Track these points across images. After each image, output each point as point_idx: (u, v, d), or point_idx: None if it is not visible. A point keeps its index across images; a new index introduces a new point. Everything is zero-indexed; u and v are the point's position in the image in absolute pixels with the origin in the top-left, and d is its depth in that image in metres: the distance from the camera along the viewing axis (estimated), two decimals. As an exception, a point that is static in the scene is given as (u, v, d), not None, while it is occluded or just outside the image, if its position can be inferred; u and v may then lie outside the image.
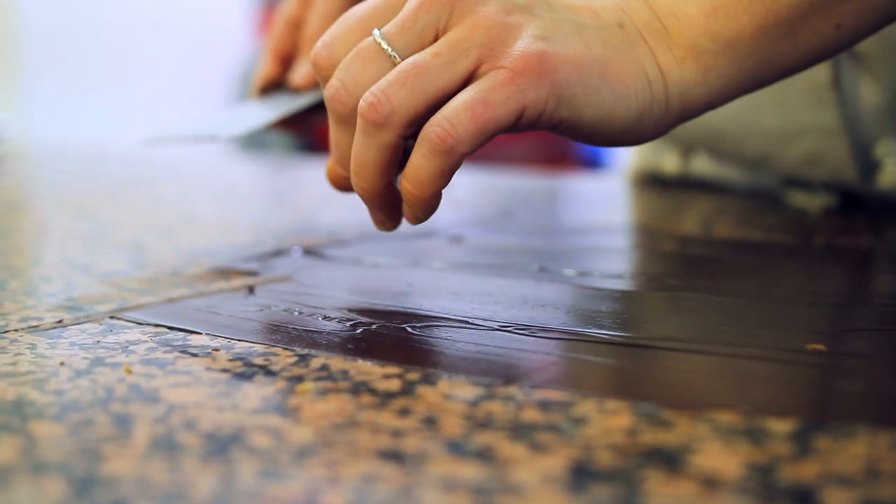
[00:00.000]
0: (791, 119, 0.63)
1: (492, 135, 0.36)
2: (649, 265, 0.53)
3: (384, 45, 0.38)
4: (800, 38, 0.38)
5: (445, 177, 0.37)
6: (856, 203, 0.67)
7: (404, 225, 0.42)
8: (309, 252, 0.54)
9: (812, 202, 0.67)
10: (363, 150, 0.38)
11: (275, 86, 0.62)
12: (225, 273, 0.48)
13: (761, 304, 0.42)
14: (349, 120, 0.39)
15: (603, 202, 0.81)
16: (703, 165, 0.77)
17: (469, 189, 0.81)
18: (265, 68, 0.62)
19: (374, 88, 0.37)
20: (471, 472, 0.25)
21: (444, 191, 0.38)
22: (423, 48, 0.38)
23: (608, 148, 0.42)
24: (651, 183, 0.82)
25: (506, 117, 0.36)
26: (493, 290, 0.44)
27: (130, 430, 0.28)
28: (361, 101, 0.37)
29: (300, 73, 0.59)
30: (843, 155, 0.63)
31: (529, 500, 0.23)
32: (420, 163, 0.36)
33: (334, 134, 0.40)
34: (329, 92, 0.39)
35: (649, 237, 0.61)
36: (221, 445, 0.26)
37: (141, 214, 0.72)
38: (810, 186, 0.68)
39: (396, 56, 0.38)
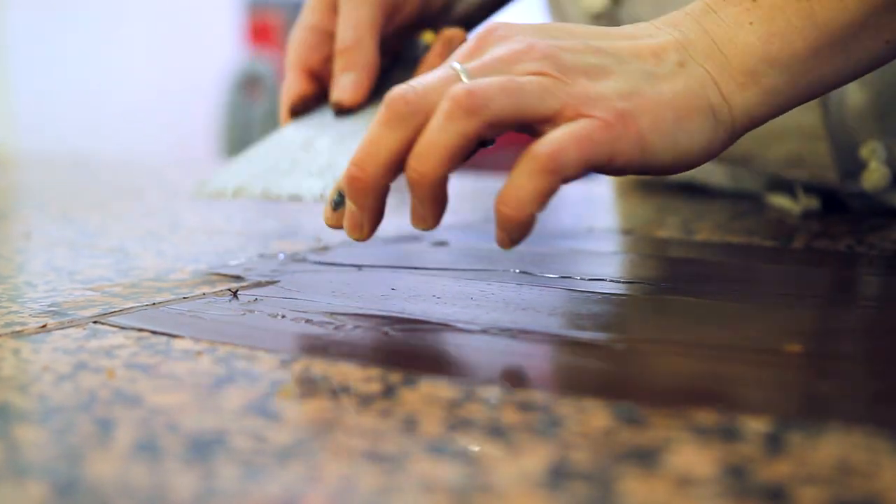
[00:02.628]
0: (774, 120, 0.64)
1: (588, 170, 0.38)
2: (630, 268, 0.54)
3: (464, 77, 0.39)
4: (851, 54, 0.41)
5: (545, 198, 0.37)
6: (836, 207, 0.67)
7: (391, 227, 0.43)
8: (293, 257, 0.54)
9: (793, 206, 0.68)
10: (440, 133, 0.37)
11: (308, 104, 0.56)
12: (209, 278, 0.48)
13: (740, 306, 0.42)
14: (405, 119, 0.38)
15: (587, 206, 0.81)
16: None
17: (453, 194, 0.81)
18: (294, 86, 0.55)
19: (470, 83, 0.38)
20: (450, 472, 0.25)
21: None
22: None
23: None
24: (635, 187, 0.82)
25: (600, 158, 0.37)
26: (476, 293, 0.44)
27: (113, 433, 0.28)
28: (455, 88, 0.37)
29: (343, 86, 0.53)
30: (825, 157, 0.63)
31: (508, 500, 0.24)
32: (522, 182, 0.37)
33: (378, 132, 0.39)
34: (395, 91, 0.39)
35: (631, 240, 0.62)
36: (204, 448, 0.27)
37: (126, 221, 0.73)
38: (791, 190, 0.69)
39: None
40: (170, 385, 0.32)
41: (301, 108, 0.55)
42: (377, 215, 0.41)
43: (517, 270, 0.49)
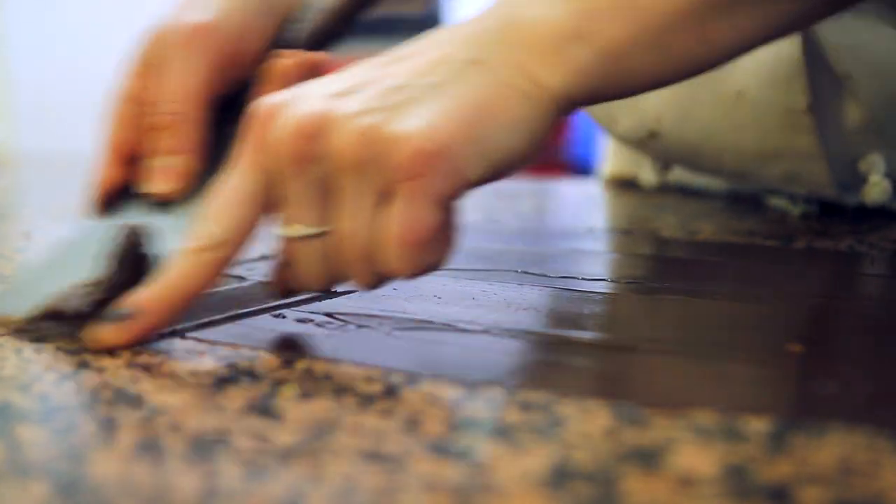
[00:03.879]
0: (768, 142, 0.64)
1: (452, 202, 0.36)
2: (631, 268, 0.54)
3: (304, 233, 0.37)
4: (671, 50, 0.38)
5: (430, 264, 0.37)
6: (836, 208, 0.67)
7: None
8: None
9: (792, 208, 0.68)
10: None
11: (122, 194, 0.45)
12: (210, 278, 0.48)
13: (741, 306, 0.42)
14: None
15: (588, 206, 0.81)
16: (680, 175, 0.78)
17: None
18: (105, 173, 0.45)
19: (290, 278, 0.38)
20: (452, 472, 0.25)
21: None
22: (321, 203, 0.36)
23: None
24: (632, 187, 0.82)
25: (435, 219, 0.35)
26: (477, 293, 0.44)
27: (115, 433, 0.28)
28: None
29: (158, 174, 0.44)
30: (822, 175, 0.63)
31: (510, 499, 0.24)
32: (403, 266, 0.36)
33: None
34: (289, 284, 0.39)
35: (632, 240, 0.62)
36: (206, 448, 0.27)
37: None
38: (791, 196, 0.69)
39: (317, 230, 0.37)
40: (172, 385, 0.32)
41: (114, 200, 0.45)
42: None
43: (518, 270, 0.49)
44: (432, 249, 0.35)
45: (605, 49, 0.37)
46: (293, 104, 0.36)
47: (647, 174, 0.79)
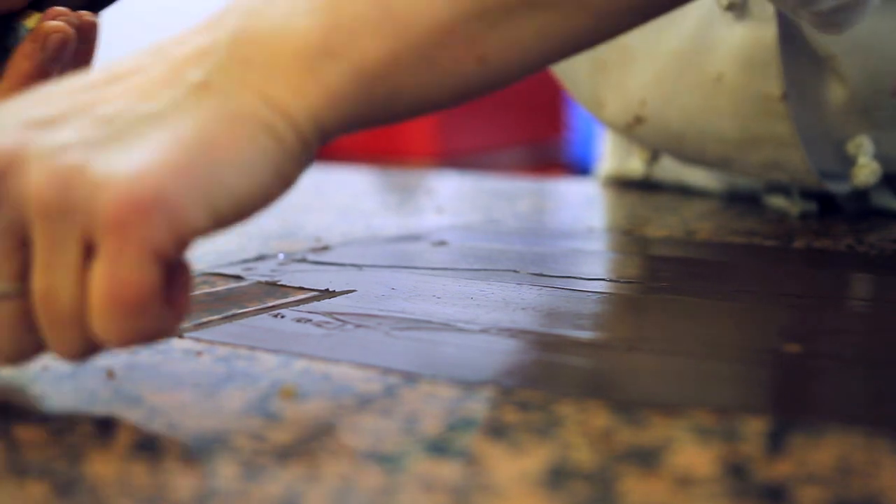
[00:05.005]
0: (747, 129, 0.63)
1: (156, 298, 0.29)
2: (630, 268, 0.54)
3: None
4: (438, 66, 0.33)
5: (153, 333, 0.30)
6: (835, 208, 0.67)
7: (391, 227, 0.43)
8: (293, 257, 0.54)
9: (791, 207, 0.68)
10: None
11: None
12: (209, 278, 0.48)
13: (740, 306, 0.42)
14: None
15: (587, 206, 0.81)
16: (678, 173, 0.78)
17: (453, 194, 0.81)
18: None
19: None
20: (450, 472, 0.25)
21: (428, 197, 0.38)
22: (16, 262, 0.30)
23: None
24: (630, 187, 0.82)
25: (148, 278, 0.28)
26: (476, 293, 0.44)
27: (113, 432, 0.28)
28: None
29: None
30: (800, 163, 0.63)
31: (508, 499, 0.24)
32: (115, 327, 0.29)
33: None
34: None
35: (631, 240, 0.62)
36: (204, 448, 0.27)
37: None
38: (789, 192, 0.69)
39: (9, 289, 0.30)
40: (170, 384, 0.32)
41: None
42: None
43: (517, 270, 0.49)
44: (150, 315, 0.29)
45: (361, 68, 0.32)
46: None
47: (636, 164, 0.79)
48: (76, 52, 0.43)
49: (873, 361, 0.35)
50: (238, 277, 0.48)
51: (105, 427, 0.28)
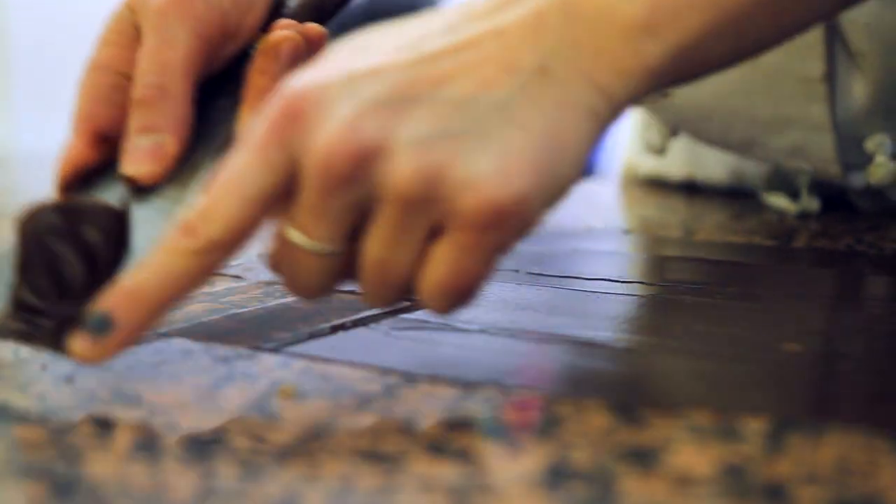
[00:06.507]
0: (780, 109, 0.63)
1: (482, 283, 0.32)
2: (630, 268, 0.54)
3: (311, 248, 0.31)
4: (743, 36, 0.35)
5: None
6: (840, 205, 0.67)
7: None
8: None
9: (790, 207, 0.68)
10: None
11: (91, 176, 0.39)
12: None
13: (740, 306, 0.42)
14: None
15: (587, 206, 0.81)
16: (677, 164, 0.77)
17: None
18: (73, 152, 0.39)
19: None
20: (449, 472, 0.25)
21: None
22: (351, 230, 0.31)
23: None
24: (636, 186, 0.82)
25: (487, 271, 0.31)
26: (475, 293, 0.44)
27: (112, 432, 0.28)
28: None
29: (138, 154, 0.38)
30: (828, 150, 0.63)
31: (507, 499, 0.24)
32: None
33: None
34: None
35: (631, 240, 0.62)
36: (203, 448, 0.27)
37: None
38: (791, 188, 0.69)
39: (328, 250, 0.31)
40: (169, 384, 0.32)
41: (81, 183, 0.39)
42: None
43: (517, 269, 0.49)
44: (472, 296, 0.31)
45: (679, 43, 0.33)
46: (338, 105, 0.30)
47: (654, 136, 0.78)
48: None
49: (873, 361, 0.35)
50: (238, 277, 0.48)
51: (104, 427, 0.28)
